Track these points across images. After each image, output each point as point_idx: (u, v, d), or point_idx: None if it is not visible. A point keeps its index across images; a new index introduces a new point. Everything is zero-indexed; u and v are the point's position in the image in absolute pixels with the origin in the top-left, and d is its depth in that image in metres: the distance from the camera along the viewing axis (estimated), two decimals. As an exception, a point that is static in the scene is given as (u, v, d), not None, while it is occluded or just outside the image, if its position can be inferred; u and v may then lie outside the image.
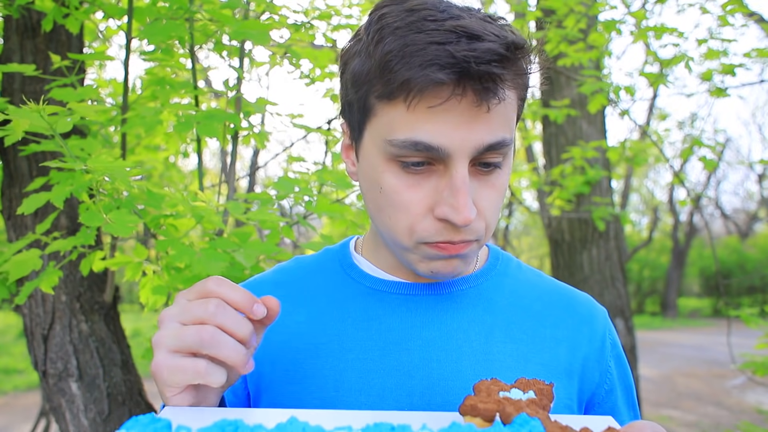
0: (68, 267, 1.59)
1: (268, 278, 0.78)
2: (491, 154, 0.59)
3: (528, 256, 16.79)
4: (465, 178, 0.58)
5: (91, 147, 1.25)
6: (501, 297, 0.73)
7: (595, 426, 0.52)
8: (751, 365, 2.31)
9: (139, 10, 1.45)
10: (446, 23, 0.55)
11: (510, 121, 0.60)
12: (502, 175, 0.63)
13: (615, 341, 0.76)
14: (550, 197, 3.72)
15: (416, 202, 0.60)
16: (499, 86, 0.56)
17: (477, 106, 0.56)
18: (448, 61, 0.53)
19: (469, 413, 0.49)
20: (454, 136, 0.57)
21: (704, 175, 16.54)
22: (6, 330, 11.70)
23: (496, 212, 0.63)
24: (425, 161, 0.59)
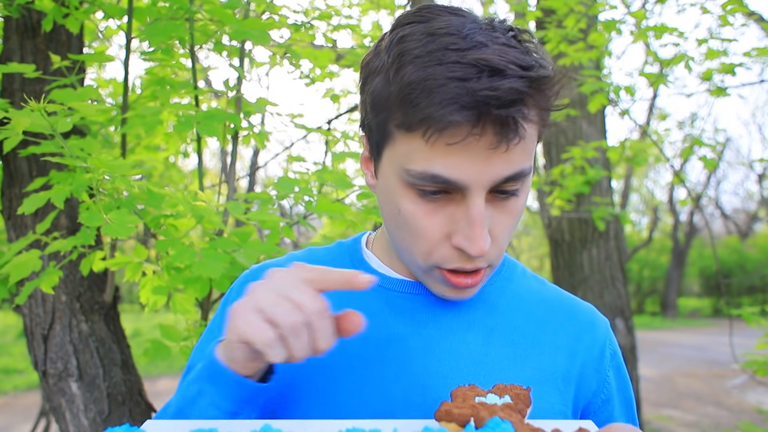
0: (68, 267, 1.59)
1: (281, 264, 0.79)
2: (509, 184, 0.59)
3: (528, 256, 16.79)
4: (481, 210, 0.58)
5: (91, 147, 1.25)
6: (503, 301, 0.73)
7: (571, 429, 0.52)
8: (753, 364, 2.32)
9: (139, 10, 1.45)
10: (468, 55, 0.54)
11: (530, 151, 0.59)
12: (519, 201, 0.62)
13: (615, 352, 0.76)
14: (550, 197, 3.72)
15: (433, 229, 0.61)
16: (519, 126, 0.55)
17: (495, 147, 0.56)
18: (468, 101, 0.53)
19: (444, 418, 0.50)
20: (471, 171, 0.56)
21: (704, 175, 16.55)
22: (6, 330, 11.70)
23: (508, 237, 0.64)
24: (442, 190, 0.59)
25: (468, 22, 0.58)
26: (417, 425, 0.52)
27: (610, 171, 3.79)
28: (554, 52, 2.80)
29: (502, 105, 0.53)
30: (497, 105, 0.53)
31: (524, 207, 0.64)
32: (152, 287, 1.37)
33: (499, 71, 0.53)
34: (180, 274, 1.34)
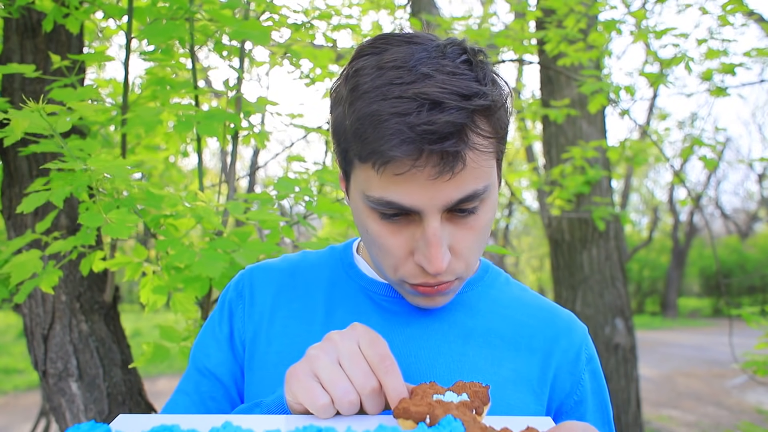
0: (68, 267, 1.59)
1: (276, 265, 0.83)
2: (465, 204, 0.61)
3: (528, 256, 16.79)
4: (436, 231, 0.61)
5: (91, 147, 1.25)
6: (483, 305, 0.76)
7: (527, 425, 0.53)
8: (753, 364, 2.31)
9: (139, 10, 1.45)
10: (410, 89, 0.57)
11: (483, 172, 0.61)
12: (482, 217, 0.64)
13: (592, 356, 0.77)
14: (550, 197, 3.72)
15: (397, 248, 0.64)
16: (459, 157, 0.57)
17: (437, 177, 0.58)
18: (408, 136, 0.55)
19: (401, 416, 0.51)
20: (422, 197, 0.59)
21: (704, 174, 16.55)
22: (6, 330, 11.70)
23: (476, 250, 0.66)
24: (401, 213, 0.62)
25: (418, 51, 0.59)
26: (372, 423, 0.54)
27: (610, 171, 3.79)
28: (554, 52, 2.80)
29: (439, 139, 0.56)
30: (434, 139, 0.55)
31: (490, 221, 0.66)
32: (152, 287, 1.37)
33: (438, 104, 0.56)
34: (180, 274, 1.34)
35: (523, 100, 4.84)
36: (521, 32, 3.02)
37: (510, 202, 9.42)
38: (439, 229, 0.61)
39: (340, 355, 0.57)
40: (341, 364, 0.56)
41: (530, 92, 6.73)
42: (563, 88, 3.71)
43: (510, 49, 2.97)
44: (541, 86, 3.90)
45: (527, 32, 3.14)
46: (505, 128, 0.63)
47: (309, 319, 0.75)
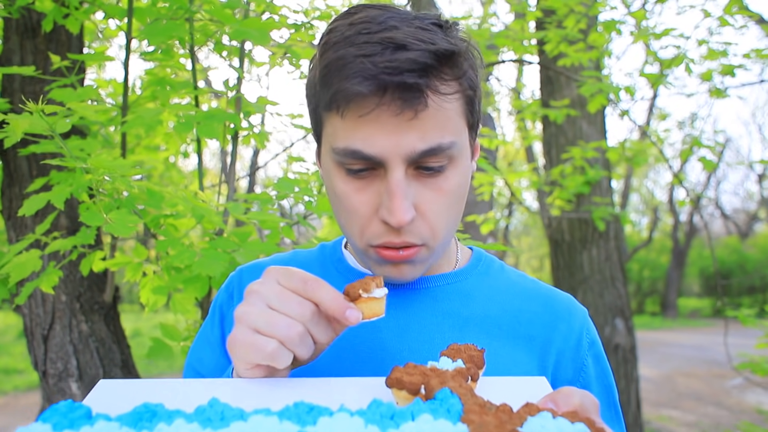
0: (68, 267, 1.59)
1: (266, 264, 0.82)
2: (430, 159, 0.61)
3: (528, 256, 16.80)
4: (399, 182, 0.60)
5: (91, 147, 1.25)
6: (479, 293, 0.74)
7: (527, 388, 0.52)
8: (749, 365, 2.31)
9: (139, 10, 1.45)
10: (377, 35, 0.58)
11: (448, 125, 0.61)
12: (451, 179, 0.64)
13: (594, 341, 0.76)
14: (550, 197, 3.72)
15: (362, 206, 0.64)
16: (422, 95, 0.58)
17: (398, 115, 0.58)
18: (370, 72, 0.57)
19: (395, 386, 0.49)
20: (385, 143, 0.59)
21: (704, 175, 16.55)
22: (6, 330, 11.70)
23: (445, 217, 0.65)
24: (367, 167, 0.62)
25: (390, 12, 0.62)
26: (367, 395, 0.51)
27: (610, 171, 3.79)
28: (554, 52, 2.80)
29: (400, 72, 0.57)
30: (395, 73, 0.56)
31: (460, 187, 0.65)
32: (152, 287, 1.37)
33: (402, 46, 0.57)
34: (180, 274, 1.34)
35: (523, 100, 4.84)
36: (521, 32, 3.02)
37: (510, 202, 9.42)
38: (402, 181, 0.60)
39: (267, 299, 0.55)
40: (271, 306, 0.55)
41: (530, 92, 6.74)
42: (563, 88, 3.71)
43: (510, 49, 2.97)
44: (541, 86, 3.91)
45: (527, 32, 3.14)
46: (473, 87, 0.64)
47: None
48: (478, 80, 0.65)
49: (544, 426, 0.42)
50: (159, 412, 0.47)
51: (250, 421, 0.45)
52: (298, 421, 0.46)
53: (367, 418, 0.45)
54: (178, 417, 0.46)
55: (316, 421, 0.45)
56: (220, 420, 0.46)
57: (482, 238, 4.51)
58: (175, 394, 0.53)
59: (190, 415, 0.46)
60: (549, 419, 0.43)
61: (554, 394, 0.47)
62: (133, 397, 0.51)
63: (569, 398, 0.46)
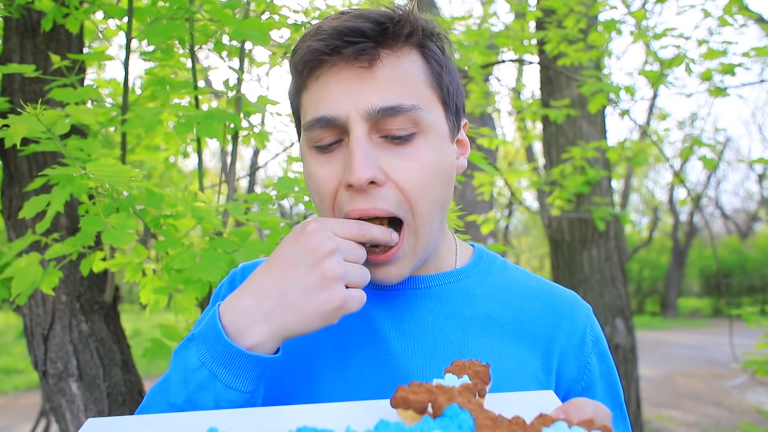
0: (68, 267, 1.59)
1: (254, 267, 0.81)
2: (393, 122, 0.62)
3: (528, 256, 16.79)
4: (359, 138, 0.61)
5: (91, 147, 1.25)
6: (481, 293, 0.73)
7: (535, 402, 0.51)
8: (753, 363, 2.31)
9: (139, 10, 1.45)
10: (331, 22, 0.63)
11: (408, 87, 0.62)
12: (422, 150, 0.64)
13: (598, 338, 0.75)
14: (550, 197, 3.72)
15: (328, 177, 0.65)
16: (374, 45, 0.61)
17: (357, 66, 0.61)
18: (326, 33, 0.61)
19: (401, 405, 0.47)
20: (345, 100, 0.61)
21: (704, 175, 16.55)
22: (6, 330, 11.70)
23: (423, 189, 0.64)
24: (335, 140, 0.64)
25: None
26: (372, 418, 0.50)
27: (610, 171, 3.79)
28: (554, 52, 2.80)
29: (350, 25, 0.61)
30: (347, 26, 0.61)
31: (437, 164, 0.65)
32: (152, 287, 1.37)
33: (360, 15, 0.62)
34: (180, 275, 1.34)
35: (523, 100, 4.84)
36: (521, 32, 3.02)
37: (510, 202, 9.41)
38: (363, 138, 0.61)
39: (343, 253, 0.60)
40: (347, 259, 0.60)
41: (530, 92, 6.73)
42: (563, 88, 3.71)
43: (510, 49, 2.97)
44: (541, 86, 3.90)
45: (527, 32, 3.14)
46: (438, 62, 0.65)
47: None
48: (445, 62, 0.67)
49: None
50: None
51: None
52: None
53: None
54: None
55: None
56: None
57: (482, 238, 4.51)
58: (169, 429, 0.51)
59: None
60: (565, 428, 0.42)
61: (566, 405, 0.47)
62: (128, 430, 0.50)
63: (582, 409, 0.46)
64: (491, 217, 4.10)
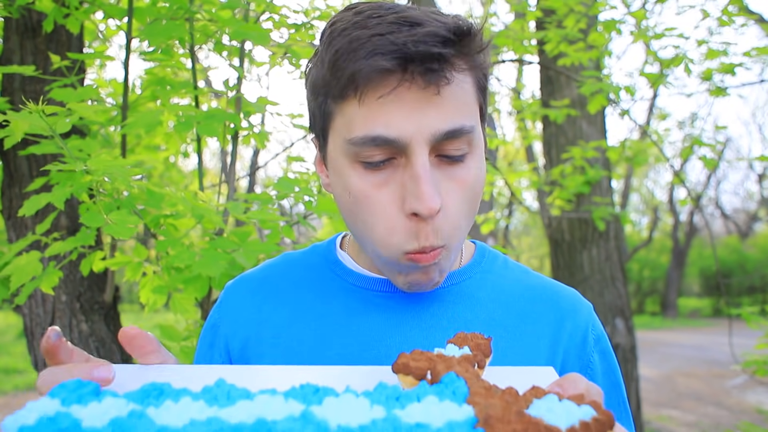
0: (68, 267, 1.59)
1: (255, 275, 0.79)
2: (452, 144, 0.58)
3: (528, 256, 16.80)
4: (425, 165, 0.57)
5: (91, 147, 1.25)
6: (483, 294, 0.72)
7: (534, 378, 0.52)
8: (753, 363, 2.31)
9: (139, 10, 1.45)
10: (389, 17, 0.57)
11: (467, 108, 0.59)
12: (471, 170, 0.61)
13: (600, 336, 0.74)
14: (550, 197, 3.72)
15: (386, 202, 0.60)
16: (444, 66, 0.56)
17: (424, 89, 0.56)
18: (390, 48, 0.54)
19: (401, 371, 0.48)
20: (408, 124, 0.57)
21: (704, 174, 16.55)
22: (6, 330, 11.70)
23: (465, 213, 0.62)
24: (387, 158, 0.59)
25: (395, 3, 0.61)
26: (372, 379, 0.51)
27: (610, 171, 3.79)
28: (554, 52, 2.80)
29: (421, 43, 0.54)
30: (416, 44, 0.54)
31: (478, 182, 0.62)
32: (152, 287, 1.37)
33: (418, 23, 0.56)
34: (180, 275, 1.34)
35: (523, 100, 4.84)
36: (521, 32, 3.02)
37: (510, 202, 9.42)
38: (428, 164, 0.57)
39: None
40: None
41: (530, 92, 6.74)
42: (563, 88, 3.71)
43: (510, 49, 2.97)
44: (541, 86, 3.91)
45: (527, 32, 3.14)
46: (485, 73, 0.62)
47: (299, 327, 0.71)
48: (488, 69, 0.63)
49: (551, 408, 0.42)
50: (166, 390, 0.47)
51: (256, 400, 0.45)
52: (304, 401, 0.46)
53: (372, 399, 0.45)
54: (184, 395, 0.47)
55: (321, 401, 0.45)
56: (227, 399, 0.46)
57: (482, 238, 4.51)
58: (182, 375, 0.54)
59: (196, 393, 0.47)
60: (555, 402, 0.43)
61: (561, 379, 0.47)
62: (140, 378, 0.52)
63: (576, 384, 0.46)
64: (491, 217, 4.10)
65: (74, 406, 0.43)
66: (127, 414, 0.42)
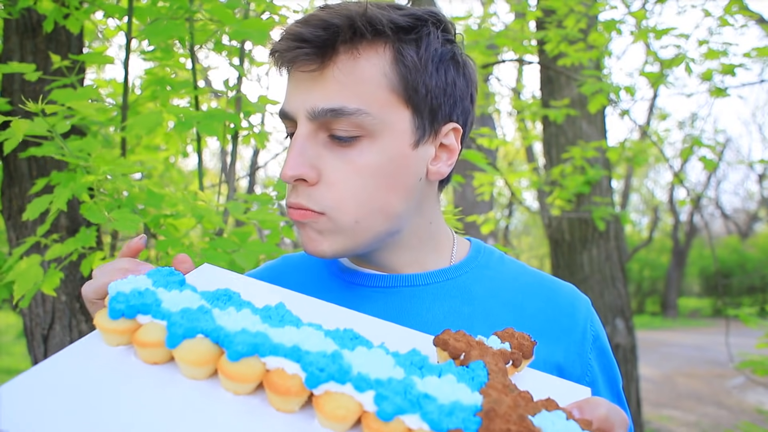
0: (68, 267, 1.59)
1: (255, 276, 0.80)
2: (338, 123, 0.62)
3: (528, 256, 16.80)
4: (297, 136, 0.64)
5: (91, 147, 1.25)
6: (481, 288, 0.73)
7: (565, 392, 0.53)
8: (750, 364, 2.31)
9: (139, 10, 1.45)
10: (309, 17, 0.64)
11: (359, 93, 0.62)
12: (365, 155, 0.63)
13: (597, 333, 0.74)
14: (550, 197, 3.72)
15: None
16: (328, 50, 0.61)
17: (306, 65, 0.62)
18: (288, 32, 0.63)
19: (440, 345, 0.52)
20: (296, 98, 0.64)
21: (704, 175, 16.55)
22: (6, 330, 11.69)
23: (357, 193, 0.64)
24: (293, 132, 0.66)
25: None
26: (411, 342, 0.55)
27: (610, 171, 3.79)
28: (554, 52, 2.80)
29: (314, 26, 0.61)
30: (309, 27, 0.61)
31: (375, 168, 0.64)
32: (152, 287, 1.36)
33: (323, 8, 0.63)
34: (180, 274, 1.34)
35: (523, 100, 4.84)
36: (521, 32, 3.03)
37: (510, 202, 9.42)
38: (301, 137, 0.63)
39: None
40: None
41: (530, 92, 6.74)
42: (563, 88, 3.71)
43: (510, 49, 2.98)
44: (541, 86, 3.91)
45: (527, 32, 3.14)
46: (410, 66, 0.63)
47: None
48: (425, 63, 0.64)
49: (555, 423, 0.43)
50: (234, 298, 0.55)
51: (301, 330, 0.51)
52: (340, 343, 0.51)
53: (398, 360, 0.50)
54: (247, 307, 0.54)
55: (354, 347, 0.50)
56: (279, 321, 0.53)
57: (482, 238, 4.51)
58: (255, 290, 0.62)
59: (257, 309, 0.54)
60: (561, 418, 0.44)
61: (584, 401, 0.48)
62: (222, 282, 0.61)
63: (595, 408, 0.47)
64: (491, 217, 4.11)
65: (161, 289, 0.53)
66: (197, 308, 0.50)
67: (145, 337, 0.48)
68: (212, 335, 0.47)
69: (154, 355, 0.48)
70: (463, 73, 0.68)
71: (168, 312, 0.49)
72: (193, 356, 0.46)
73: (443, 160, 0.69)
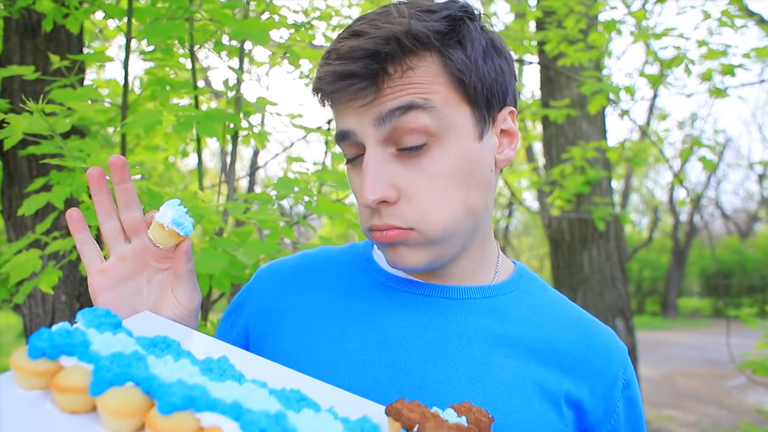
0: (68, 267, 1.59)
1: (290, 263, 0.81)
2: (404, 133, 0.61)
3: (528, 256, 16.79)
4: (368, 158, 0.62)
5: (90, 147, 1.25)
6: (516, 312, 0.71)
7: None
8: (751, 364, 2.31)
9: (139, 10, 1.45)
10: (348, 30, 0.63)
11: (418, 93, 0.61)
12: (437, 160, 0.62)
13: (629, 381, 0.72)
14: (550, 197, 3.72)
15: (357, 191, 0.67)
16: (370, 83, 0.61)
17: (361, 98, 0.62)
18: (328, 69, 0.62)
19: (393, 415, 0.49)
20: (355, 119, 0.63)
21: (704, 175, 16.56)
22: (6, 330, 11.69)
23: (438, 201, 0.63)
24: (358, 155, 0.65)
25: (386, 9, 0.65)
26: (361, 410, 0.52)
27: (610, 171, 3.79)
28: (554, 52, 2.80)
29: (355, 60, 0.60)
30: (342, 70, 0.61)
31: (449, 171, 0.63)
32: (152, 287, 1.36)
33: (358, 33, 0.62)
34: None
35: (523, 100, 4.84)
36: (521, 32, 3.03)
37: (510, 202, 9.42)
38: (372, 157, 0.62)
39: None
40: None
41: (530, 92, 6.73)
42: (563, 88, 3.71)
43: (510, 49, 2.97)
44: (541, 86, 3.91)
45: (527, 32, 3.14)
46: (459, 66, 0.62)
47: (322, 318, 0.72)
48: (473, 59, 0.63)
49: None
50: (173, 347, 0.52)
51: (244, 386, 0.48)
52: (285, 403, 0.47)
53: (347, 427, 0.46)
54: (186, 357, 0.50)
55: (300, 409, 0.47)
56: (220, 375, 0.49)
57: (482, 238, 4.51)
58: (197, 342, 0.59)
59: (197, 360, 0.51)
60: None
61: None
62: (162, 329, 0.58)
63: None
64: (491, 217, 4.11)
65: (92, 330, 0.49)
66: (130, 353, 0.46)
67: (66, 381, 0.43)
68: (143, 384, 0.43)
69: (74, 402, 0.43)
70: (504, 56, 0.68)
71: (97, 355, 0.45)
72: (119, 406, 0.42)
73: (506, 145, 0.69)
